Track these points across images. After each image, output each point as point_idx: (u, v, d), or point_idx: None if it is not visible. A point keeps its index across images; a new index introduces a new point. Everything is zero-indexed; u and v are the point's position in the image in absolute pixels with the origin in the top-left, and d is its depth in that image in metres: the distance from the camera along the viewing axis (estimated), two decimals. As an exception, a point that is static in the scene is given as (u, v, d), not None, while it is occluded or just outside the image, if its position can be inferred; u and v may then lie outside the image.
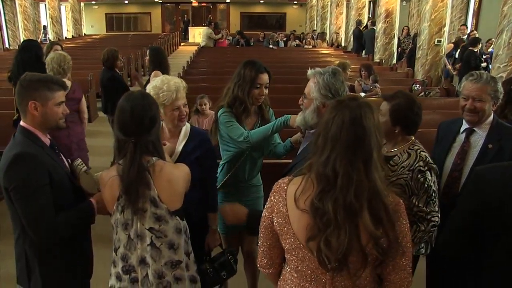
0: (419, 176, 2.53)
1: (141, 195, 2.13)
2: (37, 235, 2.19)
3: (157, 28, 28.91)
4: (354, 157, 1.58)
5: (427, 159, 2.58)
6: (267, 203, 1.82)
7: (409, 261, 1.72)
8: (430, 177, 2.53)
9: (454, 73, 9.97)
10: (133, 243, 2.18)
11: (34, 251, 2.28)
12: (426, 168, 2.54)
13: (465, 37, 11.11)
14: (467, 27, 12.86)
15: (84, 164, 2.54)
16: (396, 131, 2.62)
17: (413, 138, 2.69)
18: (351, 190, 1.56)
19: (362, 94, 7.88)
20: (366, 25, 15.81)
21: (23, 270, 2.35)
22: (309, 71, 2.41)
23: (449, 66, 10.19)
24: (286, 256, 1.80)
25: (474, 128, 2.83)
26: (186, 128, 2.72)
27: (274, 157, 3.38)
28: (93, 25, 28.26)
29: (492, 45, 10.02)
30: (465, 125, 2.87)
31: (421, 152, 2.60)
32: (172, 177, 2.21)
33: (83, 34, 25.12)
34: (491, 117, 2.80)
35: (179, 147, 2.67)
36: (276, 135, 3.19)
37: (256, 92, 3.01)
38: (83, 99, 5.19)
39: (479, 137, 2.81)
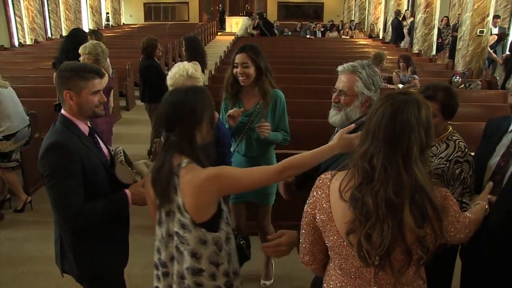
0: (455, 166, 2.48)
1: (172, 199, 2.04)
2: (64, 220, 2.27)
3: (195, 17, 29.03)
4: (391, 152, 1.55)
5: (466, 150, 2.52)
6: (309, 198, 1.78)
7: (463, 225, 1.80)
8: (467, 169, 2.48)
9: (500, 62, 9.67)
10: (164, 241, 2.14)
11: (68, 236, 2.36)
12: (464, 159, 2.49)
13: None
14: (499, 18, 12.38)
15: (122, 154, 2.52)
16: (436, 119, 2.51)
17: (451, 128, 2.63)
18: (389, 184, 1.53)
19: (400, 86, 7.76)
20: (404, 15, 15.52)
21: (57, 252, 2.46)
22: (342, 67, 2.33)
23: (494, 55, 9.87)
24: (329, 253, 1.78)
25: None
26: None
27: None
28: (132, 14, 28.63)
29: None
30: None
31: (460, 143, 2.54)
32: (196, 184, 1.98)
33: (121, 24, 25.53)
34: None
35: None
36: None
37: (235, 71, 3.28)
38: (112, 92, 5.27)
39: None
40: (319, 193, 1.73)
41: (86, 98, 2.31)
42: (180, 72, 2.77)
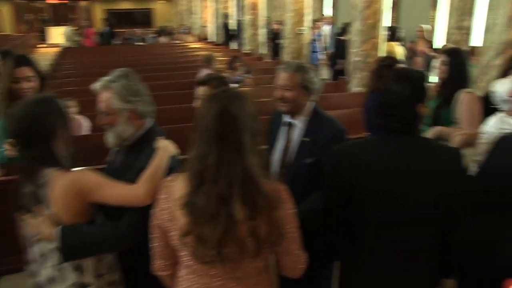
0: None
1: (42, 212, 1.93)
2: None
3: (8, 28, 26.35)
4: (224, 147, 1.58)
5: None
6: (156, 202, 1.78)
7: (298, 246, 1.76)
8: None
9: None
10: (39, 262, 2.01)
11: None
12: None
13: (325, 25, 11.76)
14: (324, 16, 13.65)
15: None
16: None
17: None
18: (222, 180, 1.57)
19: (234, 86, 7.97)
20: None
21: None
22: (95, 85, 2.15)
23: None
24: (179, 253, 1.76)
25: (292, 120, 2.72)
26: None
27: None
28: None
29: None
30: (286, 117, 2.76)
31: None
32: (61, 187, 1.92)
33: None
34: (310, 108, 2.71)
35: None
36: None
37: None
38: None
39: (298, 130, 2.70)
40: (163, 195, 1.74)
41: None
42: None
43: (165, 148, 2.07)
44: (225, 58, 9.91)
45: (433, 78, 3.63)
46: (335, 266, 2.44)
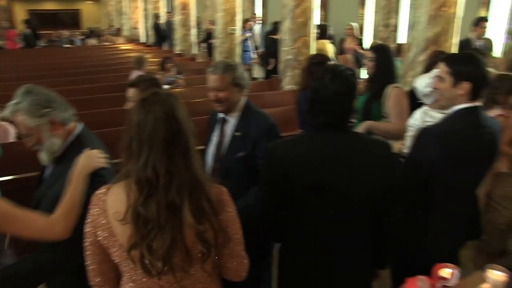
0: None
1: None
2: None
3: None
4: (173, 152, 1.53)
5: None
6: (87, 217, 1.66)
7: (243, 247, 1.75)
8: None
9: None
10: None
11: None
12: None
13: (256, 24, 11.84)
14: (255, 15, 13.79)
15: None
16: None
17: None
18: (173, 187, 1.52)
19: (166, 87, 7.85)
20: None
21: None
22: (4, 113, 2.11)
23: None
24: (119, 268, 1.67)
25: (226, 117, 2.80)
26: None
27: None
28: None
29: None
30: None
31: None
32: None
33: None
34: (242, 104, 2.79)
35: None
36: None
37: None
38: None
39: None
40: (96, 210, 1.62)
41: None
42: None
43: (83, 168, 1.98)
44: (157, 59, 9.75)
45: (363, 75, 3.71)
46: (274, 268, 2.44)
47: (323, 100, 1.97)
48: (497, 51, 7.11)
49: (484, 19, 6.85)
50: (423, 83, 3.00)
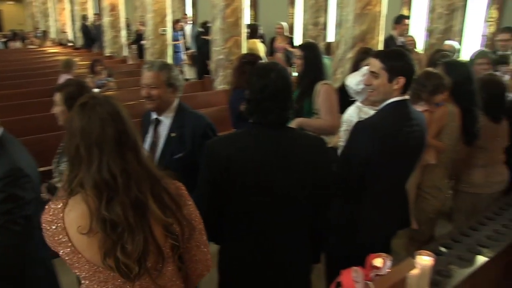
0: None
1: None
2: None
3: None
4: (124, 151, 1.52)
5: None
6: (45, 229, 1.55)
7: (206, 237, 1.78)
8: None
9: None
10: None
11: None
12: None
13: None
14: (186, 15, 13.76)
15: None
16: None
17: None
18: (132, 185, 1.51)
19: (97, 90, 7.64)
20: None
21: None
22: None
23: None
24: (84, 282, 1.59)
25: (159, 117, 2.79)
26: None
27: None
28: None
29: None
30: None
31: None
32: None
33: None
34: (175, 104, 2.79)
35: None
36: None
37: None
38: None
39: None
40: (54, 226, 1.52)
41: None
42: None
43: None
44: (86, 62, 9.47)
45: (294, 73, 3.79)
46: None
47: (272, 97, 2.00)
48: (419, 47, 7.45)
49: (406, 17, 7.17)
50: (354, 81, 3.09)
